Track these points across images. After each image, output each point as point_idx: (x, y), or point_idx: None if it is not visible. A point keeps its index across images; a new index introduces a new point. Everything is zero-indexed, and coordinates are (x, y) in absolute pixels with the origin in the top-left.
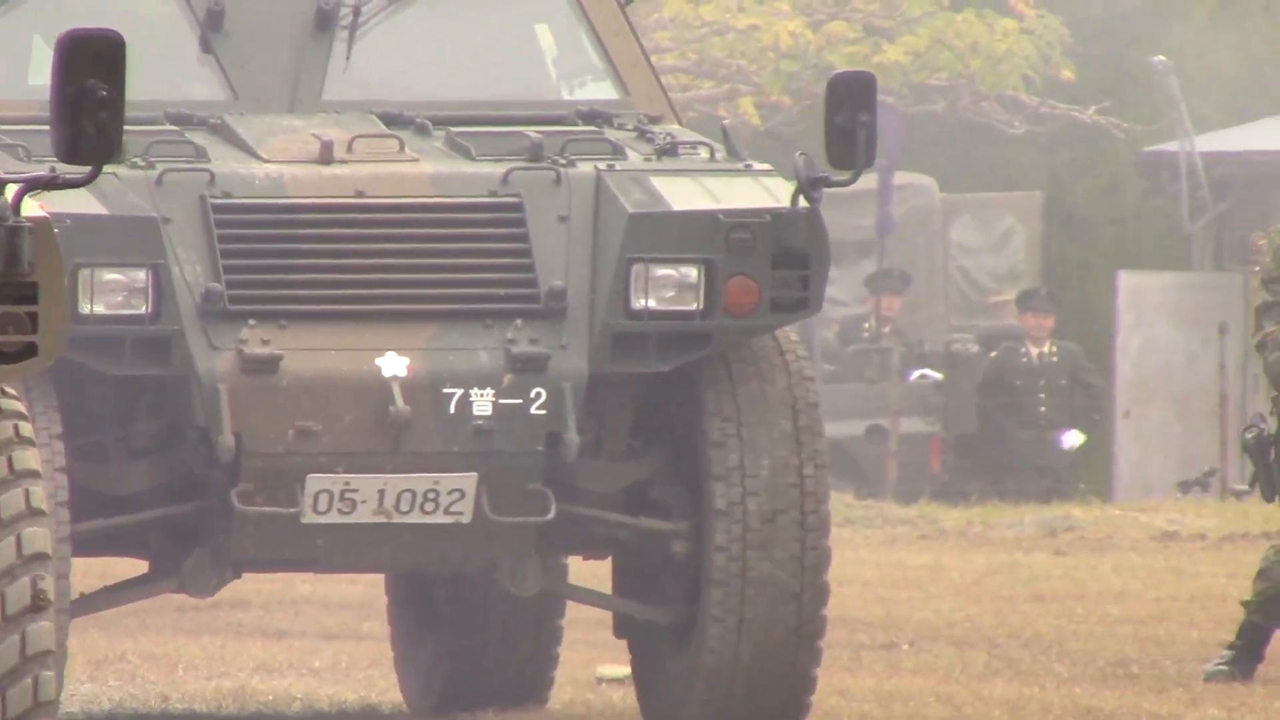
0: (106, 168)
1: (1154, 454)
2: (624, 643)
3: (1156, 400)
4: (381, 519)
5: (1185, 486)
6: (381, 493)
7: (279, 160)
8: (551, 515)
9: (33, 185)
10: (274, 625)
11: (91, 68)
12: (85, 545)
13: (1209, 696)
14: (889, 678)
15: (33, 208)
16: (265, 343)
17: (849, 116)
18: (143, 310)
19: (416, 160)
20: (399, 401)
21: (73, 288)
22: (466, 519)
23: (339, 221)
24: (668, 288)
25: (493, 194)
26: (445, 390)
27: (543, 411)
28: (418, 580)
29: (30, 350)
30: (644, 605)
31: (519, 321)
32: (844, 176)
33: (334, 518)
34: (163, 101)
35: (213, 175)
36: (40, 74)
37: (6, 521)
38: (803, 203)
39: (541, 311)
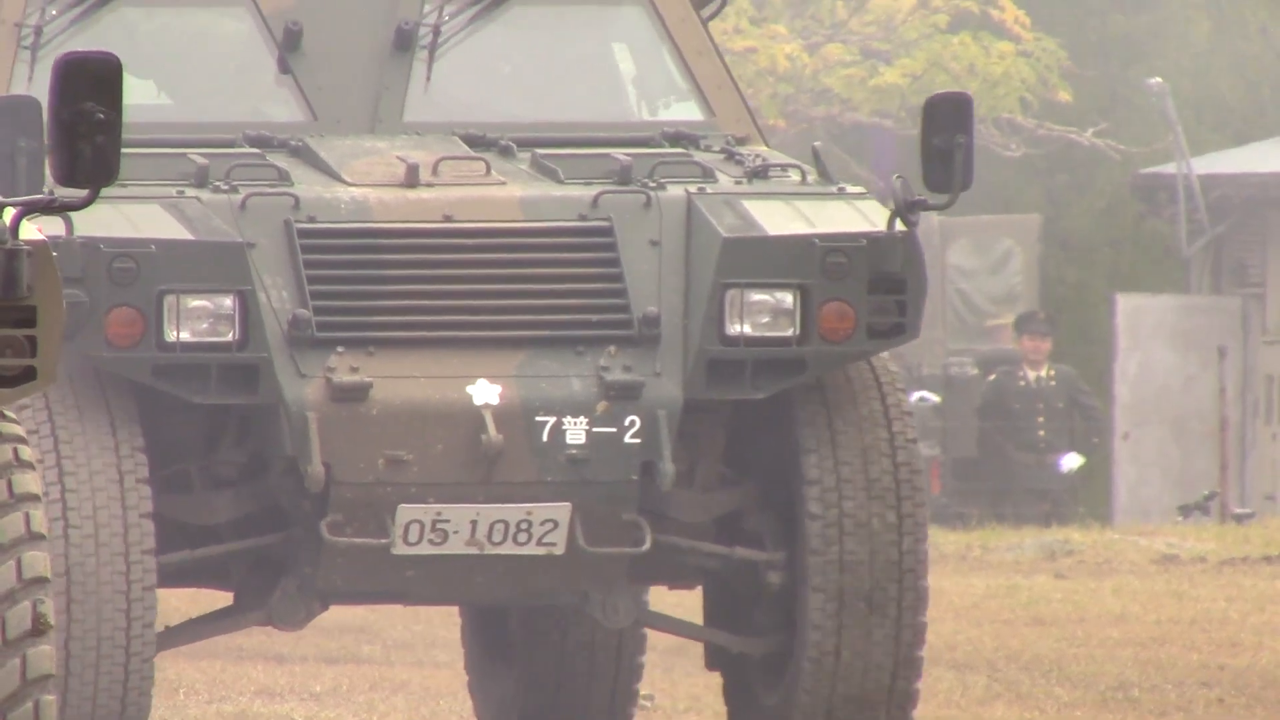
0: (189, 191)
1: (1152, 476)
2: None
3: (1154, 423)
4: (474, 550)
5: (1186, 510)
6: (474, 523)
7: (363, 183)
8: (647, 546)
9: (30, 208)
10: (274, 649)
11: (90, 91)
12: (169, 577)
13: None
14: None
15: (31, 231)
16: (354, 370)
17: (946, 138)
18: (230, 337)
19: (504, 183)
20: (491, 430)
21: (158, 314)
22: (560, 550)
23: (427, 246)
24: (763, 313)
25: (583, 218)
26: (538, 418)
27: (637, 440)
28: (492, 610)
29: (29, 374)
30: (737, 636)
31: (612, 348)
32: (941, 199)
33: (425, 549)
34: (241, 124)
35: (297, 199)
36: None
37: (6, 545)
38: (899, 226)
39: (635, 338)
